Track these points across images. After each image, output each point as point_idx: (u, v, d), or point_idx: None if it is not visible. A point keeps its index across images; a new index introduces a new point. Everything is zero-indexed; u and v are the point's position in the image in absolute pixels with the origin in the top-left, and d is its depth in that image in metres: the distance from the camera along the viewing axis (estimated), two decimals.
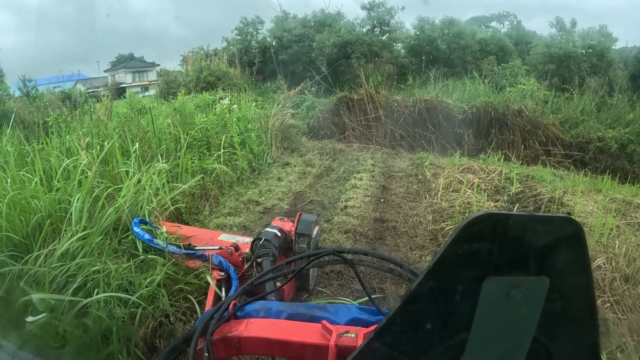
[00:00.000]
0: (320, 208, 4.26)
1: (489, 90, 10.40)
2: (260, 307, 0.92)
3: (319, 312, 0.86)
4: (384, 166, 6.49)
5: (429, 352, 0.54)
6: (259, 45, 14.27)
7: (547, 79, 11.57)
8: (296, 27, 13.95)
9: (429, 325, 0.53)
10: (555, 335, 0.54)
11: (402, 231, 3.72)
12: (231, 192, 4.56)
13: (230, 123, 5.10)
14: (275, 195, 4.59)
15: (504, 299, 0.49)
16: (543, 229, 0.48)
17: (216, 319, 0.87)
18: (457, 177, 4.95)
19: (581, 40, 12.81)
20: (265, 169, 5.54)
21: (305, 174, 5.58)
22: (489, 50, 13.53)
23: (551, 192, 4.65)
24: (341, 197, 4.52)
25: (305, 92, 10.68)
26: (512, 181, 4.93)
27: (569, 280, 0.51)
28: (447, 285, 0.51)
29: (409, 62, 13.14)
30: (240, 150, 5.06)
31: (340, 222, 3.76)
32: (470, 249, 0.49)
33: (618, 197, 5.07)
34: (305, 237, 1.58)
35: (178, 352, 0.88)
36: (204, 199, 4.14)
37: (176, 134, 4.63)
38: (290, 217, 1.83)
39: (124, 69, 32.91)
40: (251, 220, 3.92)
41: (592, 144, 8.95)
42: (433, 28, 13.77)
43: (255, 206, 4.26)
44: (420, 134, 9.32)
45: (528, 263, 0.49)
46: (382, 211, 4.21)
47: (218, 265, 1.68)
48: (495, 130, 8.88)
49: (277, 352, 0.87)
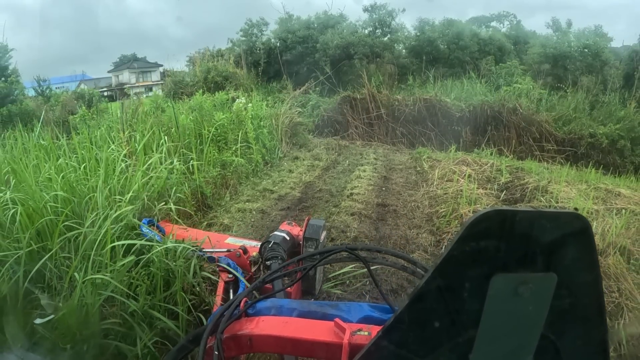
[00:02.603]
0: (329, 195, 4.75)
1: (486, 90, 10.85)
2: (272, 305, 0.91)
3: (331, 310, 0.86)
4: (385, 160, 6.98)
5: (437, 349, 0.54)
6: (264, 46, 14.72)
7: (542, 78, 12.02)
8: (300, 29, 14.38)
9: (436, 323, 0.53)
10: (563, 331, 0.54)
11: (401, 214, 4.21)
12: (248, 182, 5.05)
13: (246, 120, 5.62)
14: (288, 185, 5.08)
15: (511, 296, 0.50)
16: (550, 225, 0.48)
17: (227, 317, 0.86)
18: (452, 169, 5.43)
19: (576, 40, 13.22)
20: (276, 162, 6.05)
21: (313, 166, 6.10)
22: (488, 50, 13.93)
23: (537, 182, 5.12)
24: (347, 186, 5.02)
25: (309, 91, 11.10)
26: (502, 172, 5.41)
27: (577, 276, 0.51)
28: (455, 283, 0.51)
29: (409, 63, 13.58)
30: (255, 145, 5.57)
31: (347, 206, 4.25)
32: (478, 246, 0.49)
33: (601, 186, 5.51)
34: (313, 241, 1.56)
35: (187, 350, 0.87)
36: (224, 187, 4.63)
37: (197, 130, 5.13)
38: (299, 222, 1.85)
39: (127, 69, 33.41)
40: (267, 205, 4.40)
41: (583, 139, 9.41)
42: (433, 29, 14.22)
43: (270, 194, 4.75)
44: (420, 131, 9.79)
45: (535, 260, 0.49)
46: (383, 197, 4.70)
47: (226, 268, 1.67)
48: (491, 128, 9.35)
49: (289, 350, 0.86)
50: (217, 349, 0.78)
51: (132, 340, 2.01)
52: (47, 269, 2.21)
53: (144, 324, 2.06)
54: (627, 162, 9.45)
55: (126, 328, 2.04)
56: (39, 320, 1.80)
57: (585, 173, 6.66)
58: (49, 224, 2.51)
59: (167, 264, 2.26)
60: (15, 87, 12.13)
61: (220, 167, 4.76)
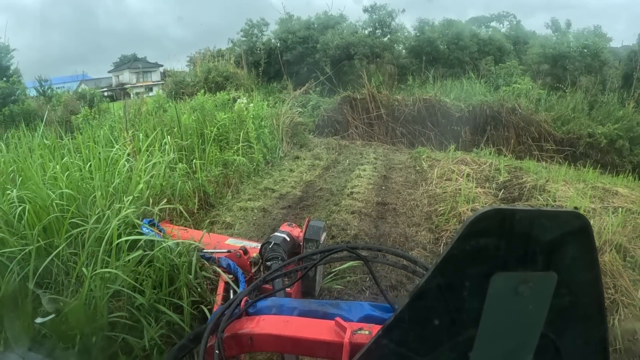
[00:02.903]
0: (329, 194, 4.80)
1: (485, 90, 10.90)
2: (272, 304, 0.91)
3: (331, 309, 0.86)
4: (385, 159, 7.05)
5: (438, 348, 0.55)
6: (265, 46, 14.78)
7: (541, 78, 12.08)
8: (300, 29, 14.44)
9: (437, 322, 0.54)
10: (563, 330, 0.54)
11: (401, 212, 4.27)
12: (249, 181, 5.12)
13: (247, 120, 5.68)
14: (289, 184, 5.14)
15: (511, 295, 0.50)
16: (550, 224, 0.49)
17: (227, 316, 0.86)
18: (451, 168, 5.50)
19: (575, 41, 13.28)
20: (277, 161, 6.11)
21: (314, 166, 6.16)
22: (487, 50, 13.99)
23: (536, 181, 5.18)
24: (347, 185, 5.08)
25: (310, 92, 11.17)
26: (501, 171, 5.47)
27: (577, 275, 0.51)
28: (455, 282, 0.51)
29: (409, 63, 13.65)
30: (256, 144, 5.63)
31: (347, 205, 4.31)
32: (478, 245, 0.49)
33: (599, 185, 5.58)
34: (314, 243, 1.56)
35: (187, 349, 0.87)
36: (226, 186, 4.69)
37: (199, 129, 5.19)
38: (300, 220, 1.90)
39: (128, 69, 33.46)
40: (269, 204, 4.46)
41: (582, 139, 9.47)
42: (433, 29, 14.28)
43: (272, 193, 4.81)
44: (419, 131, 9.85)
45: (535, 258, 0.50)
46: (383, 196, 4.76)
47: (226, 268, 1.68)
48: (491, 127, 9.41)
49: (290, 349, 0.87)
50: (217, 348, 0.78)
51: (139, 333, 2.07)
52: (54, 265, 2.27)
53: (150, 317, 2.12)
54: (625, 162, 9.51)
55: (133, 321, 2.10)
56: (39, 319, 1.80)
57: (583, 172, 6.72)
58: (55, 221, 2.57)
59: (171, 260, 2.32)
60: (17, 87, 12.20)
61: (222, 166, 4.82)
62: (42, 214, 2.56)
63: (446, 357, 0.54)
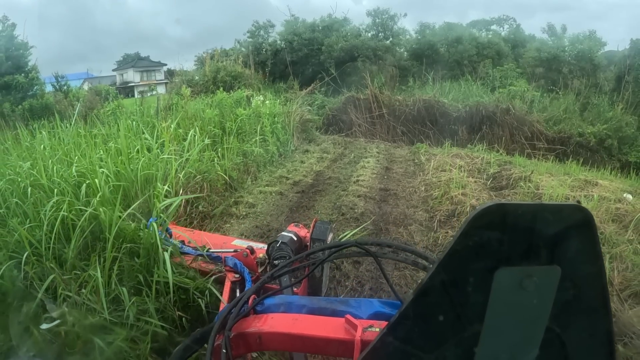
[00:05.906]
0: (337, 182, 5.41)
1: (482, 91, 11.48)
2: (281, 302, 0.90)
3: (341, 307, 0.85)
4: (387, 154, 7.67)
5: (443, 344, 0.54)
6: (271, 47, 15.36)
7: (536, 81, 12.65)
8: (305, 31, 15.01)
9: (442, 318, 0.53)
10: (568, 324, 0.54)
11: (401, 196, 4.88)
12: (265, 170, 5.72)
13: (264, 115, 6.30)
14: (301, 173, 5.75)
15: (516, 289, 0.50)
16: (553, 218, 0.49)
17: (235, 314, 0.85)
18: (446, 161, 6.09)
19: (570, 45, 13.84)
20: (289, 154, 6.73)
21: (322, 158, 6.78)
22: (486, 53, 14.50)
23: (522, 173, 5.76)
24: (353, 174, 5.69)
25: (315, 92, 11.73)
26: (491, 164, 6.06)
27: (581, 268, 0.51)
28: (459, 277, 0.51)
29: (410, 65, 14.18)
30: (271, 138, 6.25)
31: (354, 190, 4.91)
32: (481, 240, 0.49)
33: (581, 177, 6.14)
34: (320, 243, 1.57)
35: (194, 349, 0.86)
36: (246, 173, 5.29)
37: (221, 123, 5.80)
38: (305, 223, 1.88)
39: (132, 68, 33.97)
40: (285, 189, 5.06)
41: (572, 138, 10.03)
42: (433, 33, 14.86)
43: (286, 180, 5.41)
44: (419, 130, 10.42)
45: (539, 252, 0.50)
46: (385, 184, 5.37)
47: (233, 268, 1.66)
48: (486, 127, 9.97)
49: (300, 348, 0.86)
50: (225, 347, 0.77)
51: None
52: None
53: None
54: (614, 160, 10.02)
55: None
56: (45, 325, 1.75)
57: (567, 166, 7.29)
58: (110, 193, 3.07)
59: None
60: (35, 83, 12.77)
61: (242, 155, 5.42)
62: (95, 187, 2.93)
63: (452, 353, 0.55)
